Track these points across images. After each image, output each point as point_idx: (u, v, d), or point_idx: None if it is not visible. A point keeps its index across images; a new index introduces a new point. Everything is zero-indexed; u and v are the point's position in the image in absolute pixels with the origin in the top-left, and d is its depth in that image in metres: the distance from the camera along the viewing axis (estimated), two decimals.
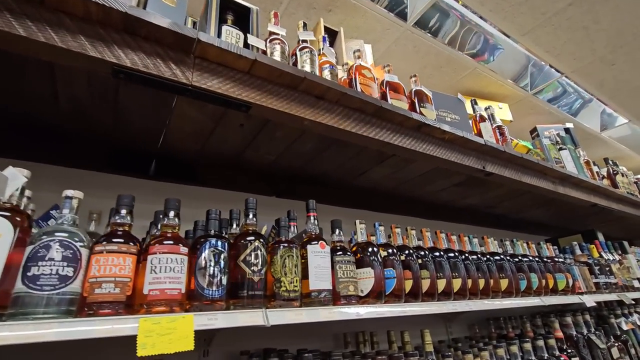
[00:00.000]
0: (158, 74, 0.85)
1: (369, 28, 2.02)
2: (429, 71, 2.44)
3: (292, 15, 1.90)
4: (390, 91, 1.39)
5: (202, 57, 0.93)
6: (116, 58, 0.80)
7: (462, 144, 1.53)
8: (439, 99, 1.69)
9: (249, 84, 1.00)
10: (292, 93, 1.07)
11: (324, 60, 1.28)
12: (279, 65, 1.00)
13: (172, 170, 1.44)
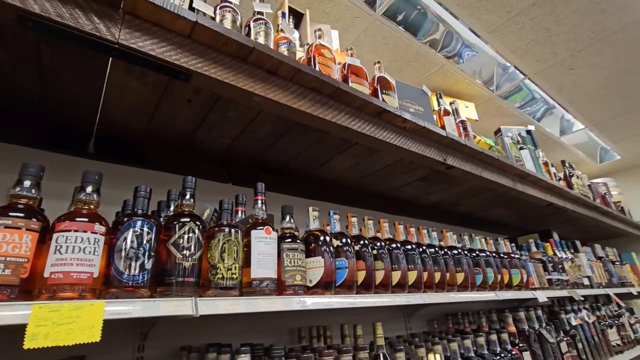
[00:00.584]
0: (76, 26, 0.74)
1: (337, 15, 1.97)
2: (398, 65, 2.42)
3: None
4: (351, 74, 1.34)
5: (133, 14, 0.82)
6: (21, 2, 0.68)
7: (423, 134, 1.51)
8: (404, 89, 1.66)
9: (190, 49, 0.90)
10: (240, 65, 0.99)
11: (281, 36, 1.21)
12: (224, 31, 0.91)
13: (116, 149, 1.31)
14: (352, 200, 2.10)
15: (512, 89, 2.86)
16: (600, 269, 2.97)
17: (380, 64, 1.51)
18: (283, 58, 1.02)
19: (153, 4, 0.81)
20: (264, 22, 1.12)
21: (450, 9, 2.01)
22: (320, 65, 1.21)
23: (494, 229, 3.28)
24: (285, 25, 1.25)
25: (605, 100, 3.07)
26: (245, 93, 0.99)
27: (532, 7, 2.03)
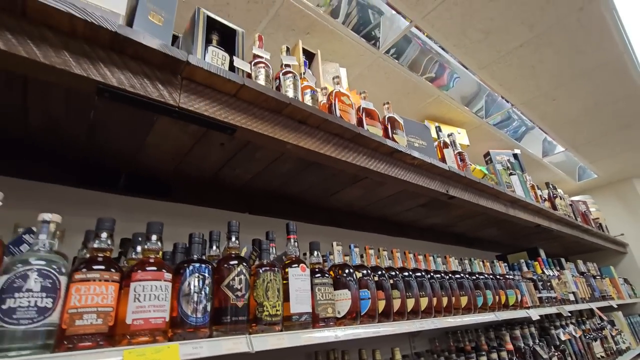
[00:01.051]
0: (145, 94, 0.84)
1: (344, 53, 2.11)
2: (398, 97, 2.58)
3: (271, 35, 1.93)
4: (366, 117, 1.46)
5: (190, 79, 0.93)
6: (102, 77, 0.78)
7: (429, 169, 1.65)
8: (408, 125, 1.80)
9: (235, 107, 1.01)
10: (276, 117, 1.10)
11: (305, 84, 1.33)
12: (265, 90, 1.02)
13: (145, 186, 1.39)
14: (356, 225, 2.21)
15: (500, 117, 3.07)
16: (584, 284, 3.16)
17: (389, 105, 1.65)
18: (312, 110, 1.14)
19: (208, 71, 0.91)
20: (292, 75, 1.24)
21: (446, 48, 2.19)
22: (340, 111, 1.33)
23: (485, 247, 3.45)
24: (308, 74, 1.37)
25: (583, 126, 3.32)
26: (280, 142, 1.10)
27: (520, 48, 2.24)
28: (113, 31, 0.77)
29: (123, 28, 0.78)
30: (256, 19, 1.82)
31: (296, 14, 1.82)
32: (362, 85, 2.43)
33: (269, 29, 1.89)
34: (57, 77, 0.74)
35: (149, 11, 0.94)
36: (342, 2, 1.80)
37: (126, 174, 1.34)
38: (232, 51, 1.16)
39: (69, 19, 0.73)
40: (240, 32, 1.18)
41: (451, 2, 1.86)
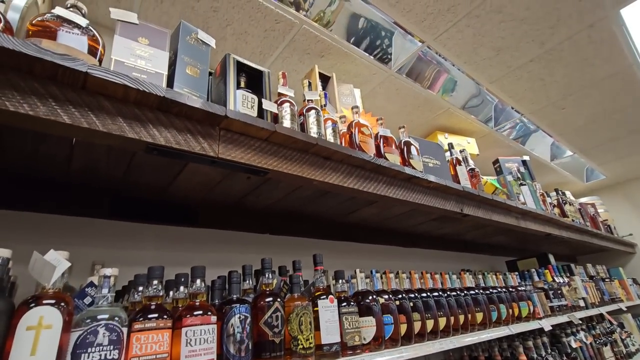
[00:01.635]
0: (189, 149, 0.90)
1: (357, 72, 2.16)
2: (409, 109, 2.63)
3: (287, 58, 1.99)
4: (384, 144, 1.52)
5: (227, 129, 0.99)
6: (151, 137, 0.84)
7: (444, 190, 1.70)
8: (423, 145, 1.85)
9: (267, 150, 1.07)
10: (303, 156, 1.16)
11: (326, 117, 1.38)
12: (294, 134, 1.08)
13: (174, 215, 1.46)
14: (370, 238, 2.28)
15: (509, 125, 3.10)
16: (593, 288, 3.20)
17: (405, 129, 1.70)
18: (337, 148, 1.20)
19: (243, 122, 0.98)
20: (315, 110, 1.30)
21: (457, 65, 2.23)
22: (360, 142, 1.39)
23: (495, 252, 3.50)
24: (329, 107, 1.43)
25: (592, 132, 3.34)
26: (307, 180, 1.16)
27: (530, 63, 2.27)
28: (162, 96, 0.83)
29: (170, 92, 0.85)
30: (273, 45, 1.88)
31: (311, 39, 1.87)
32: (374, 101, 2.47)
33: (284, 53, 1.95)
34: (113, 140, 0.81)
35: (187, 65, 1.00)
36: (356, 24, 1.85)
37: (159, 206, 1.41)
38: (259, 91, 1.22)
39: (124, 89, 0.79)
40: (266, 72, 1.24)
41: (463, 24, 1.90)
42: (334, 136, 1.34)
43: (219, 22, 1.71)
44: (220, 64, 1.21)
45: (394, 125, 2.82)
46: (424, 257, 2.71)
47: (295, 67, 2.06)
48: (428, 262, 2.75)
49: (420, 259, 2.68)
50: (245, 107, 1.12)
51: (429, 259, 2.77)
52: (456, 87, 2.46)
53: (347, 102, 1.93)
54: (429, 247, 2.73)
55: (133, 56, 0.88)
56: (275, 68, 2.03)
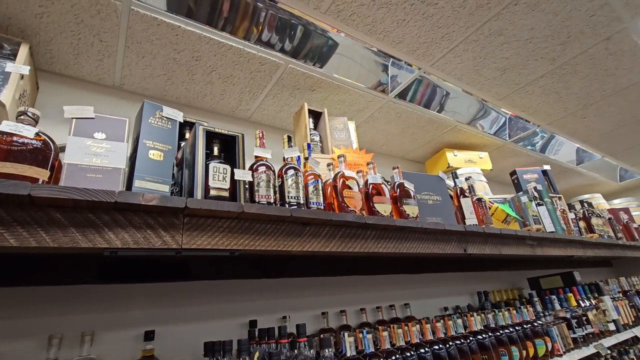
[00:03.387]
0: (149, 246, 0.88)
1: (352, 101, 2.09)
2: (412, 130, 2.52)
3: (277, 95, 1.95)
4: (374, 195, 1.45)
5: (192, 215, 0.96)
6: (107, 242, 0.83)
7: (443, 233, 1.61)
8: (421, 181, 1.76)
9: (237, 229, 1.03)
10: (279, 227, 1.12)
11: (309, 172, 1.33)
12: (266, 210, 1.04)
13: (163, 271, 1.46)
14: (374, 269, 2.21)
15: (525, 135, 2.91)
16: (626, 306, 2.97)
17: (399, 170, 1.62)
18: (316, 215, 1.15)
19: (208, 209, 0.94)
20: (293, 171, 1.24)
21: (460, 86, 2.10)
22: (346, 199, 1.32)
23: (515, 267, 3.32)
24: (312, 162, 1.37)
25: (621, 137, 3.08)
26: (284, 252, 1.12)
27: (541, 79, 2.10)
28: (113, 202, 0.81)
29: (123, 195, 0.82)
30: (260, 84, 1.84)
31: (299, 76, 1.82)
32: (374, 124, 2.39)
33: (274, 90, 1.90)
34: (67, 251, 0.80)
35: (149, 150, 0.98)
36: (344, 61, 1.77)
37: (145, 262, 1.41)
38: (233, 157, 1.18)
39: (73, 201, 0.78)
40: (239, 137, 1.20)
41: (461, 50, 1.77)
42: (316, 194, 1.29)
43: (202, 69, 1.68)
44: (191, 133, 1.19)
45: (397, 148, 2.72)
46: (434, 282, 2.61)
47: (286, 102, 2.01)
48: (440, 287, 2.65)
49: (430, 284, 2.59)
50: (216, 181, 1.09)
51: (441, 283, 2.66)
52: (461, 105, 2.33)
53: (341, 137, 1.86)
54: (440, 270, 2.62)
55: (88, 155, 0.87)
56: (266, 104, 2.00)
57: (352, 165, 1.69)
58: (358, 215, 1.27)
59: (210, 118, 1.97)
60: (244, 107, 2.01)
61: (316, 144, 1.75)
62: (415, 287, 2.47)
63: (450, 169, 2.72)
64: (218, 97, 1.90)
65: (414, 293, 2.44)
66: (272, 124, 2.22)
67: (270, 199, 1.15)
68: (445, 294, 2.66)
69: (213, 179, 1.09)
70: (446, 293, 2.67)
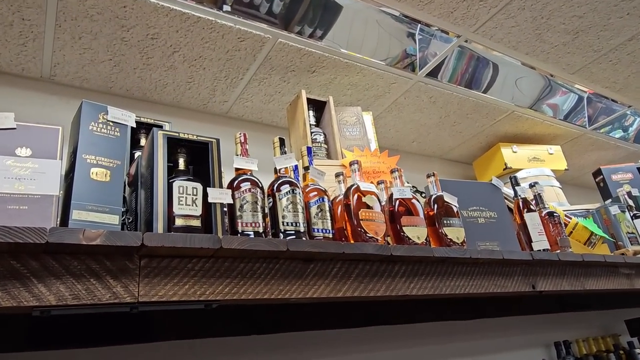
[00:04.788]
0: (93, 302, 0.89)
1: (367, 84, 2.11)
2: (453, 119, 2.53)
3: (264, 80, 1.98)
4: (401, 212, 1.45)
5: (151, 256, 0.97)
6: (37, 298, 0.84)
7: (502, 263, 1.60)
8: (466, 191, 1.76)
9: (213, 272, 1.04)
10: (271, 266, 1.12)
11: (311, 187, 1.34)
12: (253, 245, 1.04)
13: (117, 329, 1.47)
14: (410, 316, 2.20)
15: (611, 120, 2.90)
16: None
17: (436, 177, 1.62)
18: (323, 247, 1.15)
19: (173, 246, 0.95)
20: (289, 187, 1.25)
21: (518, 57, 2.11)
22: (364, 223, 1.32)
23: (608, 304, 3.26)
24: (315, 172, 1.38)
25: None
26: (279, 300, 1.12)
27: (629, 42, 2.10)
28: (43, 243, 0.82)
29: (56, 233, 0.83)
30: (241, 66, 1.86)
31: (293, 53, 1.84)
32: (397, 116, 2.40)
33: (260, 74, 1.93)
34: None
35: (91, 168, 1.00)
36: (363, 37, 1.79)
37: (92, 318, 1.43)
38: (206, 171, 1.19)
39: None
40: (213, 144, 1.21)
41: (514, 8, 1.78)
42: (322, 217, 1.29)
43: (161, 50, 1.71)
44: (147, 139, 1.20)
45: (433, 145, 2.72)
46: (493, 331, 2.58)
47: (277, 89, 2.03)
48: (501, 337, 2.62)
49: (487, 334, 2.56)
50: (183, 206, 1.10)
51: (502, 331, 2.63)
52: (520, 84, 2.33)
53: (353, 135, 1.87)
54: (500, 313, 2.59)
55: (8, 180, 0.88)
56: (250, 93, 2.02)
57: (371, 174, 1.69)
58: (381, 245, 1.27)
59: (174, 115, 2.00)
60: (220, 99, 2.03)
61: (320, 146, 1.76)
62: (466, 339, 2.44)
63: (509, 172, 2.70)
64: (184, 87, 1.92)
65: (465, 348, 2.42)
66: (259, 119, 2.24)
67: (258, 228, 1.16)
68: (509, 346, 2.62)
69: (179, 204, 1.10)
70: (511, 345, 2.63)
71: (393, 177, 1.56)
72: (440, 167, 3.02)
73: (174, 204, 1.09)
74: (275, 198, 1.25)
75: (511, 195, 2.00)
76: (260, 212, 1.19)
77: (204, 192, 1.14)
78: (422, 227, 1.45)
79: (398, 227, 1.42)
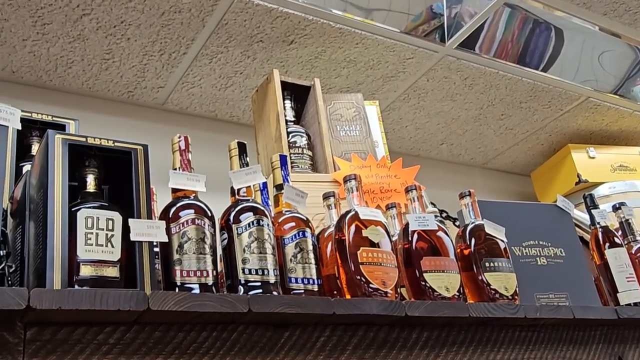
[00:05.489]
0: None
1: (372, 59, 2.14)
2: (500, 109, 2.57)
3: (219, 56, 2.01)
4: (421, 249, 1.46)
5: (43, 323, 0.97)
6: None
7: (573, 325, 1.63)
8: (519, 218, 1.79)
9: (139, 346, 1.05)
10: (226, 336, 1.14)
11: (287, 216, 1.35)
12: (194, 305, 1.04)
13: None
14: None
15: None
16: None
17: (473, 197, 1.63)
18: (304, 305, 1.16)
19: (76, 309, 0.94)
20: (255, 217, 1.24)
21: (592, 20, 2.16)
22: (365, 267, 1.33)
23: None
24: (293, 193, 1.38)
25: None
26: None
27: None
28: None
29: None
30: (183, 36, 1.87)
31: (261, 16, 1.86)
32: (416, 106, 2.44)
33: (212, 47, 1.94)
34: None
35: None
36: None
37: None
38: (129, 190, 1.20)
39: None
40: (138, 153, 1.22)
41: None
42: (302, 260, 1.30)
43: (63, 12, 1.72)
44: (40, 147, 1.21)
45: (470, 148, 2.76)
46: None
47: (238, 68, 2.06)
48: None
49: None
50: (93, 247, 1.10)
51: None
52: (595, 59, 2.37)
53: (351, 136, 1.88)
54: None
55: None
56: (197, 75, 2.05)
57: (377, 194, 1.70)
58: (391, 301, 1.28)
59: (83, 109, 2.00)
60: (152, 84, 2.04)
61: (300, 154, 1.77)
62: None
63: (583, 187, 2.73)
64: (98, 67, 1.93)
65: None
66: (210, 113, 2.26)
67: (206, 278, 1.16)
68: None
69: (87, 244, 1.10)
70: None
71: (410, 199, 1.57)
72: (481, 181, 3.04)
73: (79, 243, 1.09)
74: (233, 233, 1.25)
75: (586, 223, 2.02)
76: (210, 254, 1.20)
77: (124, 225, 1.14)
78: (454, 272, 1.46)
79: (417, 274, 1.43)
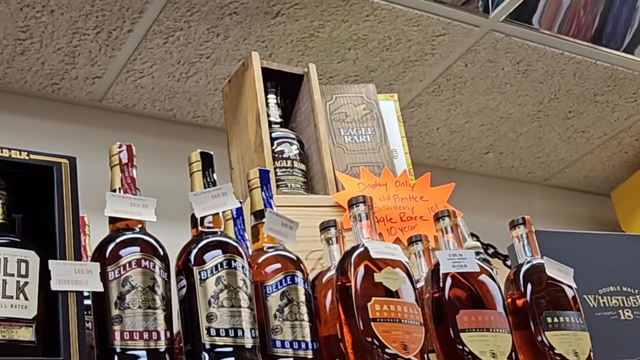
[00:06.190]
0: None
1: (392, 36, 2.15)
2: (566, 105, 2.58)
3: (176, 33, 2.02)
4: (456, 299, 1.46)
5: None
6: None
7: None
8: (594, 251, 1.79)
9: None
10: None
11: (268, 256, 1.36)
12: None
13: None
14: None
15: None
16: None
17: (529, 226, 1.64)
18: None
19: None
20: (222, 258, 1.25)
21: None
22: (378, 325, 1.33)
23: None
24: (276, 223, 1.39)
25: None
26: None
27: None
28: None
29: None
30: (129, 6, 1.89)
31: None
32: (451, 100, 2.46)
33: (167, 21, 1.96)
34: None
35: None
36: None
37: None
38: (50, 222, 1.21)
39: None
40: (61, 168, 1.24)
41: None
42: (291, 316, 1.32)
43: None
44: None
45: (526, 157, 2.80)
46: None
47: (203, 50, 2.08)
48: None
49: None
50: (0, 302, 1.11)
51: None
52: None
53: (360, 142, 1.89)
54: None
55: None
56: (149, 59, 2.06)
57: (396, 223, 1.71)
58: None
59: None
60: (85, 73, 2.06)
61: (289, 168, 1.80)
62: None
63: None
64: (9, 52, 1.95)
65: None
66: (165, 112, 2.29)
67: (155, 341, 1.17)
68: None
69: None
70: None
71: (441, 229, 1.58)
72: (542, 203, 3.05)
73: None
74: (194, 278, 1.26)
75: None
76: (162, 309, 1.20)
77: (42, 269, 1.15)
78: (503, 331, 1.47)
79: (452, 334, 1.43)
